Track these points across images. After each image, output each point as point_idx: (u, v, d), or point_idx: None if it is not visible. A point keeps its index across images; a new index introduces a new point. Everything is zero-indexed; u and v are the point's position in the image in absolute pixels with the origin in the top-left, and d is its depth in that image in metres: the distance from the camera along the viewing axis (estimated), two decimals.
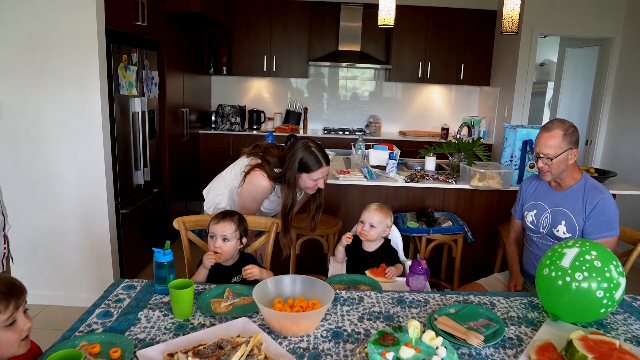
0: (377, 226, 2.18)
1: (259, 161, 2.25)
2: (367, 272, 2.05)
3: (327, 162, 2.18)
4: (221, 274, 1.91)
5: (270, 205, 2.39)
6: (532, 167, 3.09)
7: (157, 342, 1.35)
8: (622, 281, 1.48)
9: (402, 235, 2.52)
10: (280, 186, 2.23)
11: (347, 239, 2.21)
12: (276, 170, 2.22)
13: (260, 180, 2.21)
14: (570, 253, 1.51)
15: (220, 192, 2.43)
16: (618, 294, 1.47)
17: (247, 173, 2.24)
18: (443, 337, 1.33)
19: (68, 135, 2.98)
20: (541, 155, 2.03)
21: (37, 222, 3.10)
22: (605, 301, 1.45)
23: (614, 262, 1.49)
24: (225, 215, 1.92)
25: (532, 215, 2.20)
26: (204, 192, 2.53)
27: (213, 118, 5.51)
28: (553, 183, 2.15)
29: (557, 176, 2.08)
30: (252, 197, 2.27)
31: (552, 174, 2.05)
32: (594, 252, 1.49)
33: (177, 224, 2.10)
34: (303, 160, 2.13)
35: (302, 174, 2.16)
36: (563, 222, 2.07)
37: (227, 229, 1.88)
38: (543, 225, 2.15)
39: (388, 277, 2.03)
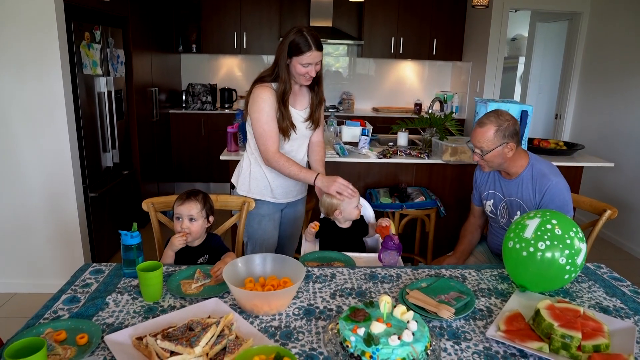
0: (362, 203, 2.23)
1: None
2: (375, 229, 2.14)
3: (319, 47, 2.03)
4: (187, 255, 1.89)
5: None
6: None
7: (126, 327, 1.32)
8: (583, 246, 1.51)
9: (375, 211, 2.52)
10: (278, 82, 2.10)
11: (313, 229, 2.15)
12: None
13: (259, 90, 2.09)
14: (532, 224, 1.54)
15: (244, 163, 2.29)
16: (579, 260, 1.50)
17: (247, 100, 2.16)
18: (415, 311, 1.34)
19: (30, 117, 2.87)
20: (475, 150, 2.02)
21: (2, 208, 3.00)
22: (568, 267, 1.48)
23: (574, 229, 1.52)
24: (189, 195, 1.89)
25: (490, 205, 2.20)
26: (233, 179, 2.37)
27: (183, 97, 5.39)
28: (503, 172, 2.12)
29: (497, 168, 2.07)
30: (260, 112, 2.08)
31: (489, 166, 2.04)
32: (554, 221, 1.52)
33: (146, 205, 2.06)
34: (294, 42, 2.01)
35: (292, 58, 2.04)
36: (519, 213, 2.06)
37: (193, 208, 1.85)
38: (502, 214, 2.15)
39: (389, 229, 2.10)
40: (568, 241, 1.48)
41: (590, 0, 4.76)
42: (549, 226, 1.51)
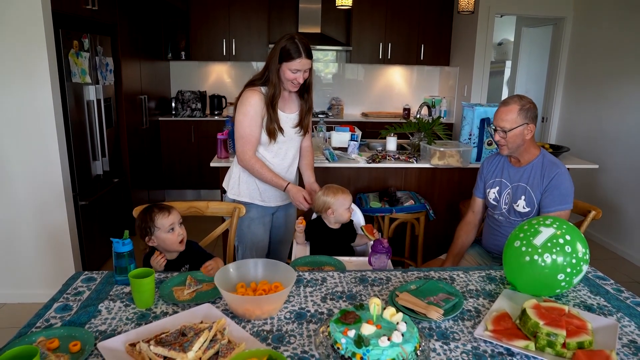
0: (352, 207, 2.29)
1: None
2: (362, 227, 2.15)
3: (309, 55, 2.10)
4: (169, 269, 1.88)
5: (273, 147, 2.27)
6: (490, 144, 3.17)
7: (119, 333, 1.33)
8: (585, 268, 1.52)
9: (365, 215, 2.55)
10: (267, 86, 2.15)
11: (300, 225, 2.22)
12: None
13: (248, 94, 2.16)
14: (546, 233, 1.52)
15: (234, 167, 2.35)
16: (577, 279, 1.52)
17: (236, 104, 2.22)
18: (404, 313, 1.36)
19: (19, 126, 2.86)
20: (497, 128, 2.10)
21: None
22: (563, 284, 1.51)
23: (583, 250, 1.51)
24: (163, 205, 1.91)
25: (494, 192, 2.26)
26: (224, 184, 2.43)
27: (173, 104, 5.39)
28: (513, 160, 2.20)
29: (514, 150, 2.13)
30: (245, 115, 2.15)
31: (509, 147, 2.11)
32: (568, 237, 1.51)
33: (136, 213, 2.06)
34: (285, 48, 2.07)
35: (282, 64, 2.09)
36: (523, 197, 2.14)
37: (177, 214, 1.89)
38: (505, 201, 2.21)
39: (375, 236, 2.13)
40: (574, 261, 1.49)
41: (574, 5, 4.85)
42: (561, 240, 1.49)
